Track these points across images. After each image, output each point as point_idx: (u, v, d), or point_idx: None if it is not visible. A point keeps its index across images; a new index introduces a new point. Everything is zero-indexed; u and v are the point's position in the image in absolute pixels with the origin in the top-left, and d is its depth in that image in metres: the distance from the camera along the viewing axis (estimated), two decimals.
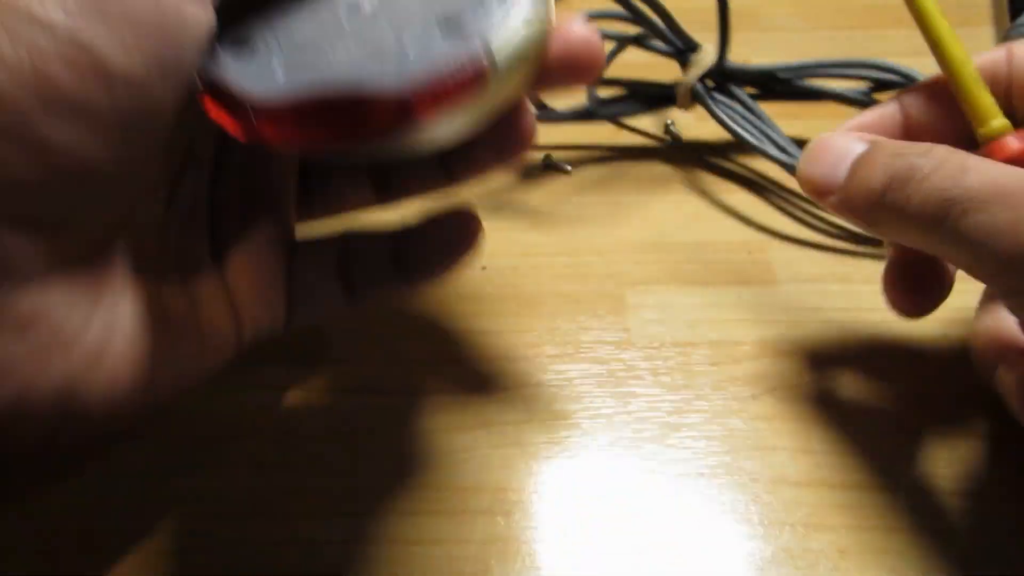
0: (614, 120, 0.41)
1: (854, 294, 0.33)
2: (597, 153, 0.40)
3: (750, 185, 0.38)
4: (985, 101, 0.25)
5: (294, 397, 0.29)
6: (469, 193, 0.26)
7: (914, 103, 0.27)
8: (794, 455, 0.28)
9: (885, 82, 0.38)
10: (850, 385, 0.30)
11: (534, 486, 0.27)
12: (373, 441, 0.28)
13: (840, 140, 0.25)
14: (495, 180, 0.38)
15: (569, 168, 0.39)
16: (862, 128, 0.27)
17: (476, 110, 0.20)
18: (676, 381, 0.30)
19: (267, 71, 0.19)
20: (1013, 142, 0.25)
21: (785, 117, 0.37)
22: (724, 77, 0.39)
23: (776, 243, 0.35)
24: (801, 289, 0.33)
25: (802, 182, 0.25)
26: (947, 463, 0.27)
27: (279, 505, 0.26)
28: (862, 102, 0.37)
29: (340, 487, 0.27)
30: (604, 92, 0.40)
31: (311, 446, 0.28)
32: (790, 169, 0.35)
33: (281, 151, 0.20)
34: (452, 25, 0.20)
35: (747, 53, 0.43)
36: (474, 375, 0.30)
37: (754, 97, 0.39)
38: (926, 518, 0.26)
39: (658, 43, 0.38)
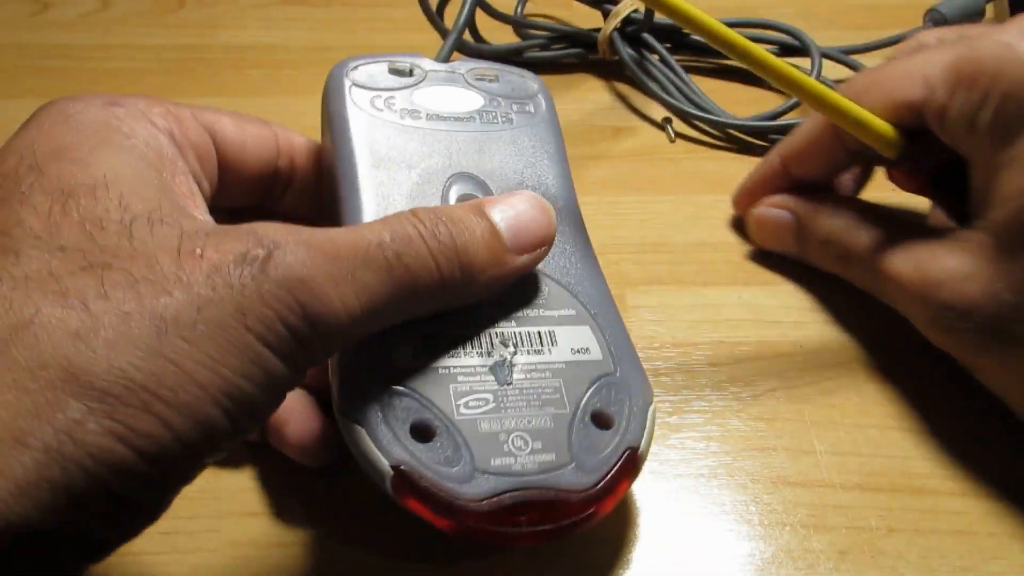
0: (542, 63, 0.44)
1: (854, 294, 0.33)
2: (597, 153, 0.40)
3: None
4: (880, 127, 0.28)
5: None
6: None
7: (787, 154, 0.33)
8: (794, 455, 0.28)
9: (785, 44, 0.42)
10: (850, 385, 0.30)
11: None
12: None
13: (773, 216, 0.34)
14: None
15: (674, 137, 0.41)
16: (762, 179, 0.34)
17: None
18: (676, 381, 0.30)
19: (462, 467, 0.21)
20: (906, 175, 0.31)
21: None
22: (640, 29, 0.42)
23: None
24: (801, 289, 0.33)
25: (762, 247, 0.35)
26: (947, 462, 0.27)
27: None
28: None
29: None
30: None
31: None
32: (694, 119, 0.41)
33: (473, 541, 0.22)
34: (604, 419, 0.23)
35: None
36: None
37: (670, 50, 0.42)
38: (926, 518, 0.26)
39: None
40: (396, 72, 0.28)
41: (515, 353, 0.23)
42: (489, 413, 0.22)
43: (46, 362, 0.16)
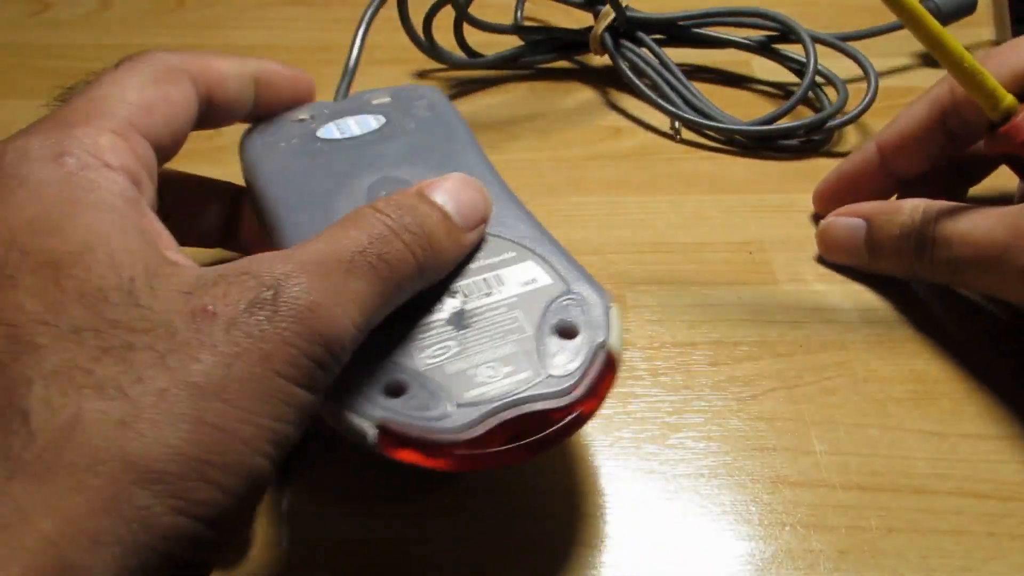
0: (536, 65, 0.45)
1: (854, 294, 0.33)
2: (597, 153, 0.40)
3: (751, 184, 0.38)
4: (992, 83, 0.27)
5: None
6: None
7: (888, 145, 0.33)
8: (794, 455, 0.28)
9: (778, 32, 0.42)
10: (850, 385, 0.30)
11: (535, 487, 0.27)
12: None
13: (842, 224, 0.33)
14: None
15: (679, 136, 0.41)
16: (853, 171, 0.34)
17: None
18: (676, 381, 0.30)
19: (440, 408, 0.22)
20: None
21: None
22: (631, 25, 0.42)
23: (776, 243, 0.35)
24: (801, 289, 0.33)
25: (831, 260, 0.34)
26: (948, 462, 0.27)
27: None
28: (760, 50, 0.43)
29: None
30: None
31: None
32: (683, 119, 0.41)
33: (472, 471, 0.23)
34: (567, 330, 0.23)
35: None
36: None
37: (660, 43, 0.43)
38: (926, 518, 0.26)
39: None
40: (297, 122, 0.29)
41: (466, 300, 0.24)
42: (453, 357, 0.23)
43: (102, 457, 0.16)
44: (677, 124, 0.41)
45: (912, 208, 0.30)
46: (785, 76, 0.44)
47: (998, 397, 0.29)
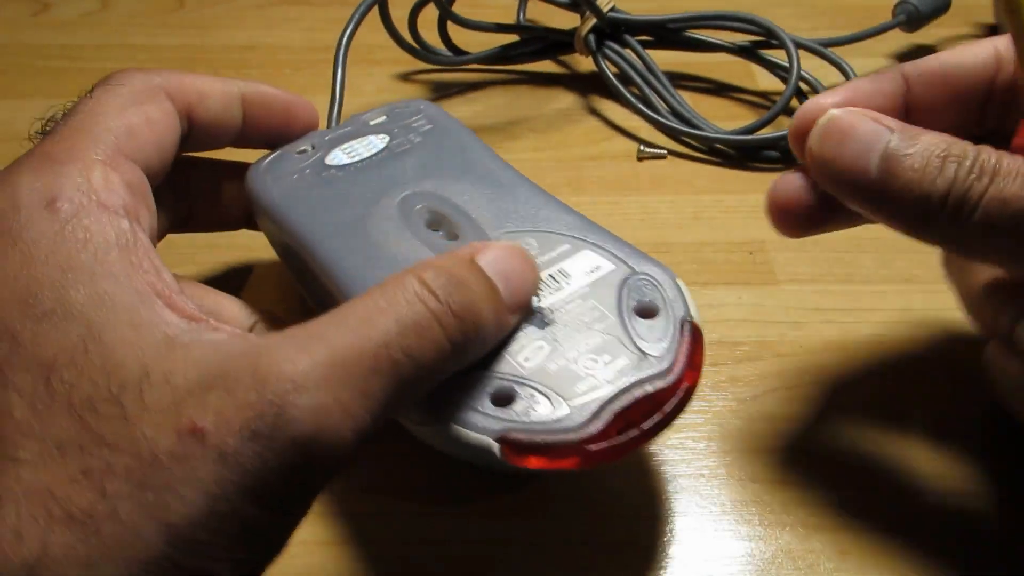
0: (524, 64, 0.45)
1: (854, 294, 0.33)
2: (597, 153, 0.40)
3: (750, 185, 0.38)
4: None
5: None
6: None
7: (921, 81, 0.25)
8: (794, 455, 0.28)
9: (762, 37, 0.42)
10: (850, 385, 0.30)
11: (535, 487, 0.27)
12: None
13: (865, 123, 0.22)
14: None
15: (665, 152, 0.40)
16: (866, 97, 0.24)
17: None
18: None
19: (555, 408, 0.22)
20: None
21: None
22: (616, 27, 0.42)
23: (776, 243, 0.35)
24: (801, 289, 0.33)
25: (818, 167, 0.23)
26: (948, 462, 0.27)
27: None
28: (746, 53, 0.42)
29: None
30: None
31: None
32: (663, 128, 0.40)
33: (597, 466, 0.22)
34: (648, 309, 0.24)
35: None
36: None
37: (647, 45, 0.42)
38: (926, 518, 0.26)
39: None
40: (300, 153, 0.29)
41: (540, 299, 0.24)
42: (550, 355, 0.23)
43: None
44: (642, 147, 0.40)
45: (954, 143, 0.22)
46: (777, 83, 0.44)
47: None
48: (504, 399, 0.22)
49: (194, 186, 0.29)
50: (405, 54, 0.42)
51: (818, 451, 0.28)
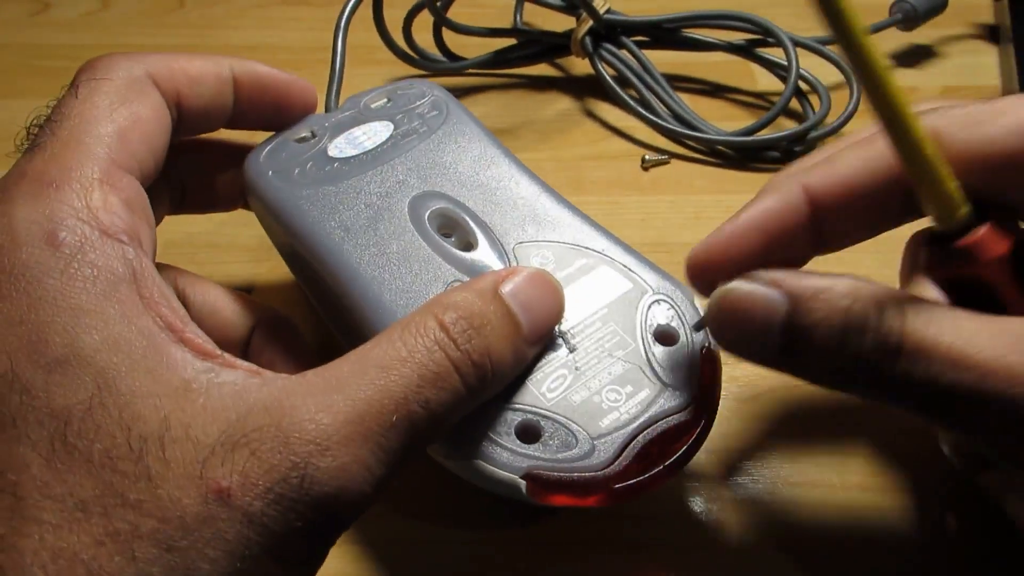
0: (516, 66, 0.44)
1: None
2: (596, 153, 0.40)
3: (751, 185, 0.38)
4: (952, 186, 0.20)
5: None
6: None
7: (825, 189, 0.22)
8: (794, 455, 0.28)
9: (759, 35, 0.42)
10: None
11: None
12: None
13: (756, 297, 0.20)
14: None
15: (668, 159, 0.40)
16: (764, 222, 0.22)
17: None
18: None
19: (580, 444, 0.22)
20: (997, 236, 0.20)
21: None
22: (612, 28, 0.42)
23: None
24: None
25: (724, 346, 0.21)
26: (947, 463, 0.27)
27: None
28: (744, 52, 0.42)
29: None
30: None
31: None
32: (663, 131, 0.40)
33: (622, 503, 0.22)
34: (667, 335, 0.24)
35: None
36: None
37: (644, 45, 0.42)
38: (926, 518, 0.26)
39: None
40: (300, 141, 0.28)
41: (560, 322, 0.23)
42: (572, 385, 0.22)
43: None
44: (647, 157, 0.40)
45: (852, 289, 0.19)
46: (777, 82, 0.44)
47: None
48: (529, 434, 0.22)
49: (183, 168, 0.28)
50: (417, 37, 0.42)
51: (818, 451, 0.28)
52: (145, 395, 0.18)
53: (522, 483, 0.21)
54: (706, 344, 0.24)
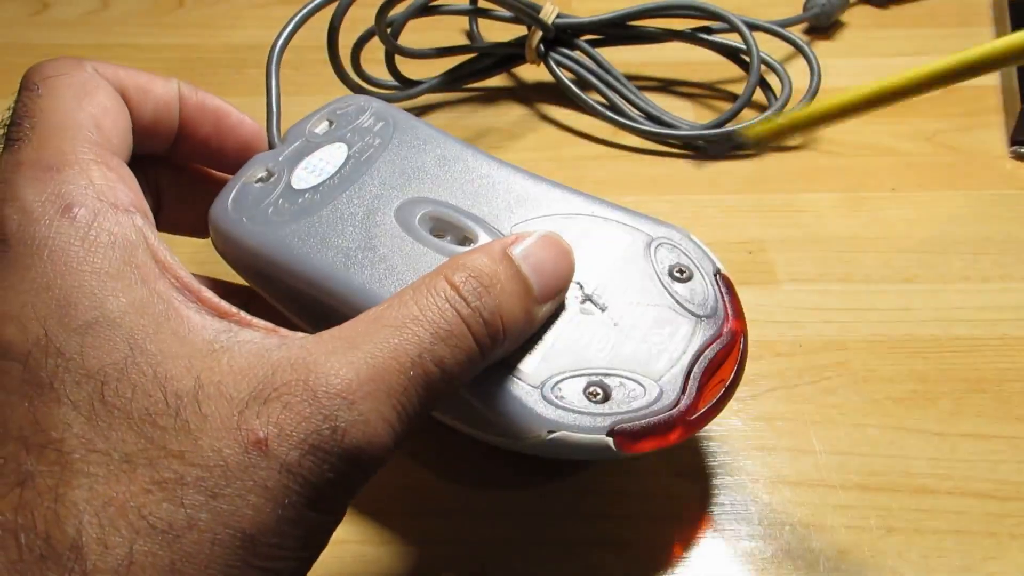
0: (473, 81, 0.43)
1: (854, 294, 0.33)
2: (596, 154, 0.40)
3: (749, 184, 0.38)
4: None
5: None
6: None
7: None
8: (794, 455, 0.28)
9: (712, 22, 0.41)
10: (850, 385, 0.30)
11: (536, 487, 0.27)
12: None
13: None
14: None
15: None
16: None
17: None
18: None
19: (647, 390, 0.23)
20: None
21: None
22: (563, 31, 0.42)
23: (776, 243, 0.35)
24: (801, 289, 0.33)
25: None
26: (948, 462, 0.27)
27: None
28: (695, 40, 0.42)
29: None
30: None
31: None
32: (636, 131, 0.40)
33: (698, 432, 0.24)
34: (681, 272, 0.25)
35: None
36: None
37: (597, 44, 0.42)
38: (926, 518, 0.26)
39: (501, 11, 0.41)
40: (260, 182, 0.27)
41: (582, 286, 0.24)
42: (617, 340, 0.23)
43: None
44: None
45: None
46: (725, 70, 0.43)
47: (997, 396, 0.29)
48: (600, 395, 0.23)
49: (151, 181, 0.27)
50: (417, 36, 0.41)
51: (818, 451, 0.28)
52: (174, 356, 0.19)
53: (610, 440, 0.22)
54: (717, 269, 0.25)
